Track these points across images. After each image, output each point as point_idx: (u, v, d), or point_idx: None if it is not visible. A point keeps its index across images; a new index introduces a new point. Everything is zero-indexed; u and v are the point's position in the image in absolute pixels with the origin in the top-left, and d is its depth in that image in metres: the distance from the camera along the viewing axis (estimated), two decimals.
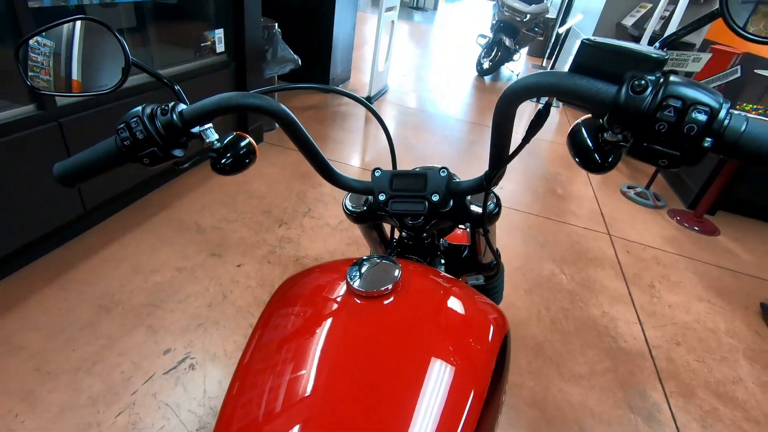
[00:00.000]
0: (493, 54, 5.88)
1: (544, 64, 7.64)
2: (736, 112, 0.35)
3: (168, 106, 0.54)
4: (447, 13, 13.35)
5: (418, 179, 0.64)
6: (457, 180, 0.66)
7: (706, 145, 0.34)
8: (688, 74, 2.61)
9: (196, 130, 0.56)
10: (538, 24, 6.07)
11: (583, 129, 0.50)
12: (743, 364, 1.85)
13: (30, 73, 0.70)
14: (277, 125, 3.43)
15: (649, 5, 4.36)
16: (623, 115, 0.37)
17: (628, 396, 1.62)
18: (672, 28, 3.14)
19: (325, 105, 3.98)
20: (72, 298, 1.62)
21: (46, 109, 1.59)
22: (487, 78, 6.09)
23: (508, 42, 5.70)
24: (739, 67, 1.95)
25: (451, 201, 0.66)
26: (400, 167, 0.67)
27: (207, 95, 0.54)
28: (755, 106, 2.47)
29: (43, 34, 0.62)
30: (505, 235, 2.46)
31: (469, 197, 0.67)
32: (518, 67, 6.83)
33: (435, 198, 0.63)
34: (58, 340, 1.46)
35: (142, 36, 2.20)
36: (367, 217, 0.73)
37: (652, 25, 3.59)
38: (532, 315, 1.93)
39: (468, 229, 0.73)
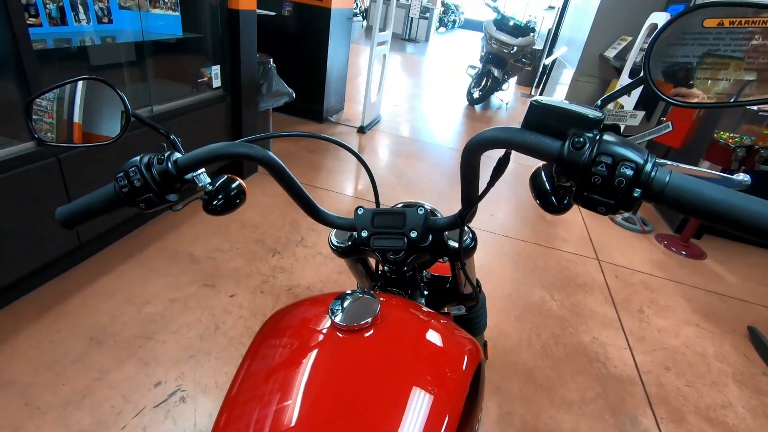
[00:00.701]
0: (483, 84, 6.08)
1: (532, 93, 7.88)
2: (667, 164, 0.40)
3: (164, 155, 0.59)
4: (438, 44, 13.81)
5: (398, 217, 0.68)
6: (435, 217, 0.70)
7: (636, 194, 0.39)
8: (630, 128, 2.85)
9: (189, 176, 0.61)
10: (525, 55, 6.30)
11: (542, 173, 0.55)
12: (733, 389, 1.87)
13: (34, 117, 0.76)
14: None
15: (629, 38, 4.56)
16: (566, 168, 0.42)
17: (619, 422, 1.63)
18: None
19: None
20: (64, 330, 1.63)
21: (46, 146, 1.64)
22: (477, 107, 6.27)
23: (496, 72, 5.90)
24: (670, 122, 2.16)
25: (430, 236, 0.70)
26: (393, 193, 0.71)
27: (203, 129, 0.60)
28: (731, 134, 2.57)
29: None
30: (495, 262, 2.50)
31: (446, 233, 0.72)
32: (507, 96, 7.04)
33: (413, 235, 0.67)
34: (49, 374, 1.46)
35: (141, 72, 2.29)
36: (351, 252, 0.77)
37: (632, 57, 3.75)
38: (522, 342, 1.94)
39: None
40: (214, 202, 0.66)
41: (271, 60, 3.03)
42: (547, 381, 1.75)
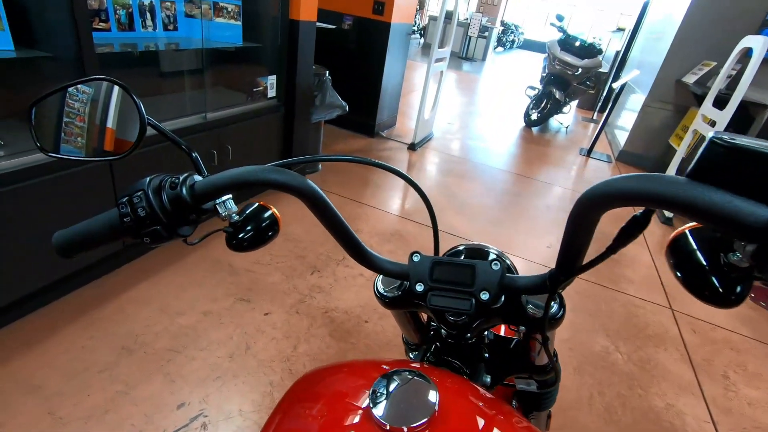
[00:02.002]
0: (542, 106, 5.80)
1: (594, 117, 7.46)
2: None
3: (179, 178, 0.48)
4: (495, 63, 13.56)
5: (465, 271, 0.53)
6: (514, 274, 0.54)
7: None
8: None
9: (208, 204, 0.49)
10: (590, 78, 5.97)
11: (691, 240, 0.38)
12: None
13: (66, 119, 0.69)
14: (320, 167, 3.48)
15: (713, 63, 4.16)
16: None
17: None
18: (743, 88, 2.93)
19: (369, 149, 4.00)
20: (96, 336, 1.60)
21: (50, 157, 1.63)
22: (534, 129, 5.99)
23: (558, 95, 5.62)
24: None
25: (503, 296, 0.54)
26: (442, 216, 0.55)
27: (255, 138, 0.50)
28: None
29: (70, 90, 0.60)
30: None
31: (524, 295, 0.56)
32: (567, 119, 6.69)
33: (484, 296, 0.52)
34: (75, 383, 1.41)
35: (199, 79, 2.30)
36: (400, 304, 0.62)
37: (718, 84, 3.39)
38: (582, 399, 1.70)
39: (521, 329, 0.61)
40: (241, 235, 0.54)
41: (327, 72, 3.00)
42: None
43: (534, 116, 5.93)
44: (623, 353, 1.97)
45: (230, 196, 0.51)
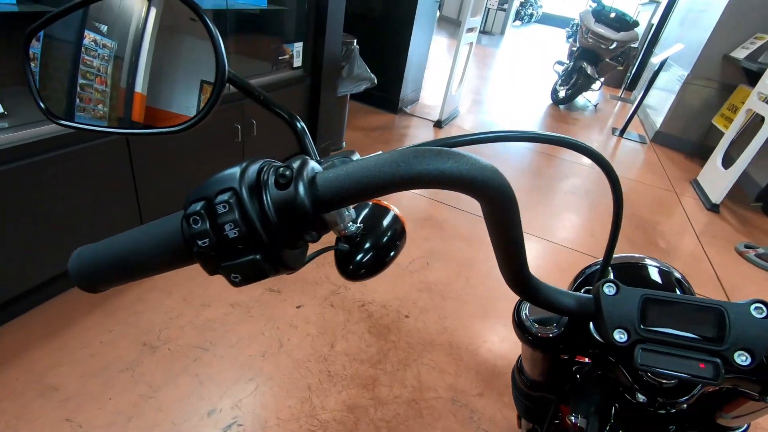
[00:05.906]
0: (572, 82, 5.48)
1: (622, 95, 7.12)
2: None
3: (291, 167, 0.28)
4: (514, 38, 13.01)
5: (706, 315, 0.35)
6: None
7: None
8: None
9: (331, 214, 0.31)
10: (622, 53, 5.61)
11: None
12: None
13: (81, 81, 0.51)
14: (344, 144, 3.28)
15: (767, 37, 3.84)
16: None
17: None
18: None
19: (393, 126, 3.78)
20: (116, 329, 1.45)
21: (59, 125, 1.44)
22: (561, 106, 5.69)
23: (590, 70, 5.29)
24: None
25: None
26: (471, 199, 0.32)
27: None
28: None
29: (98, 24, 0.41)
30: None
31: None
32: (594, 96, 6.36)
33: (743, 360, 0.33)
34: (95, 384, 1.27)
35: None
36: (561, 348, 0.44)
37: None
38: None
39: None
40: (360, 257, 0.36)
41: (355, 41, 2.75)
42: None
43: (562, 93, 5.62)
44: None
45: None
